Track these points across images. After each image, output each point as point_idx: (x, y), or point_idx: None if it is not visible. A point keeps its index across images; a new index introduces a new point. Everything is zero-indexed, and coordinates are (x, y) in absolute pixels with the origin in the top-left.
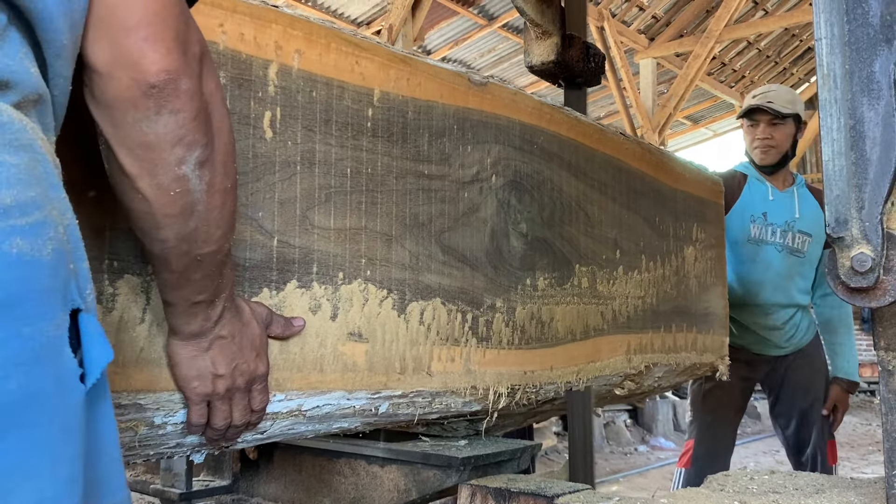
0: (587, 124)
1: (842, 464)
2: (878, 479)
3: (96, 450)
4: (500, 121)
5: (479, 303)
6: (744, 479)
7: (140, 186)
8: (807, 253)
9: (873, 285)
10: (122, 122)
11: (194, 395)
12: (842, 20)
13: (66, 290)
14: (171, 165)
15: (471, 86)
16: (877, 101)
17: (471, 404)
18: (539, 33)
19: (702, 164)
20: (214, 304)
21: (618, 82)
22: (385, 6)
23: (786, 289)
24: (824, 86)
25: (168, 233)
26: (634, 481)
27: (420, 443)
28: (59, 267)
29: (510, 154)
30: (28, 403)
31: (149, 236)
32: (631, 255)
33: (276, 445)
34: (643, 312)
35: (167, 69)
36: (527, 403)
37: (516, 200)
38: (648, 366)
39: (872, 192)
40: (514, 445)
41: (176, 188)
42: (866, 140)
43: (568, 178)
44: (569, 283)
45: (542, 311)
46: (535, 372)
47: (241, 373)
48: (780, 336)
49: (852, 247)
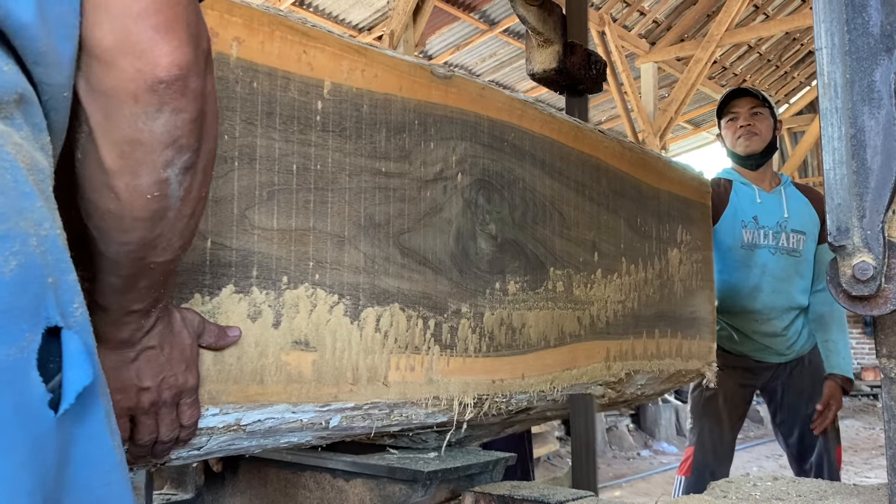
0: (562, 121)
1: (845, 468)
2: (882, 485)
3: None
4: (467, 116)
5: (443, 308)
6: (747, 486)
7: (116, 185)
8: (803, 251)
9: (875, 293)
10: (115, 115)
11: (118, 410)
12: (842, 30)
13: (38, 308)
14: (156, 167)
15: (434, 79)
16: (877, 111)
17: (435, 415)
18: (541, 41)
19: (687, 163)
20: (150, 313)
21: (619, 87)
22: (386, 12)
23: (784, 291)
24: (825, 95)
25: (131, 237)
26: (637, 486)
27: (387, 455)
28: (29, 283)
29: (478, 151)
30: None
31: (107, 237)
32: (610, 257)
33: (242, 458)
34: (623, 317)
35: (179, 63)
36: (497, 414)
37: (485, 200)
38: (629, 373)
39: (873, 201)
40: (485, 458)
41: (154, 191)
42: (867, 149)
43: (541, 177)
44: (542, 286)
45: (513, 317)
46: (504, 381)
47: (168, 386)
48: (781, 343)
49: (854, 255)
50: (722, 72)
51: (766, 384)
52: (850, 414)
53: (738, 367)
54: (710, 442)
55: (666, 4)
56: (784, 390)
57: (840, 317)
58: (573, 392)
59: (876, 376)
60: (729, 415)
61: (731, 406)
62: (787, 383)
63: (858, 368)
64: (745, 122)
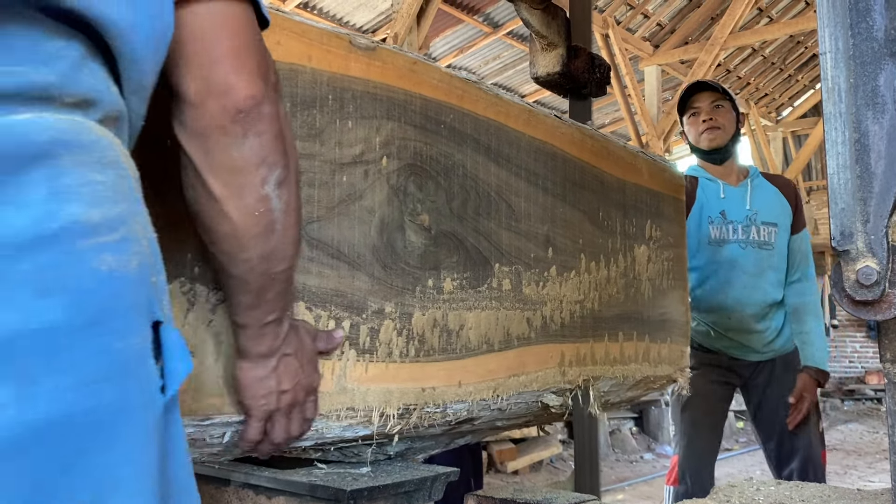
0: (511, 104)
1: (849, 473)
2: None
3: (171, 456)
4: (395, 94)
5: (361, 307)
6: (750, 490)
7: (227, 209)
8: (775, 244)
9: (879, 298)
10: (212, 149)
11: (260, 413)
12: (846, 34)
13: (149, 303)
14: (256, 186)
15: (353, 49)
16: (881, 115)
17: (353, 428)
18: (545, 45)
19: (658, 154)
20: (282, 322)
21: (622, 89)
22: (390, 14)
23: (757, 286)
24: (829, 99)
25: (251, 253)
26: (640, 489)
27: (315, 470)
28: (144, 281)
29: (408, 133)
30: (118, 418)
31: (232, 258)
32: (567, 253)
33: None
34: (582, 319)
35: (253, 95)
36: (431, 426)
37: (416, 188)
38: (588, 379)
39: (877, 206)
40: (423, 473)
41: (260, 208)
42: (871, 153)
43: (486, 164)
44: (485, 284)
45: (449, 318)
46: (437, 388)
47: (303, 387)
48: (757, 340)
49: (857, 260)
50: (726, 75)
51: (746, 383)
52: (853, 417)
53: (716, 364)
54: (694, 449)
55: (670, 7)
56: (764, 390)
57: (815, 307)
58: (522, 400)
59: (880, 380)
60: (709, 416)
61: (710, 407)
62: (768, 383)
63: (862, 372)
64: (707, 117)
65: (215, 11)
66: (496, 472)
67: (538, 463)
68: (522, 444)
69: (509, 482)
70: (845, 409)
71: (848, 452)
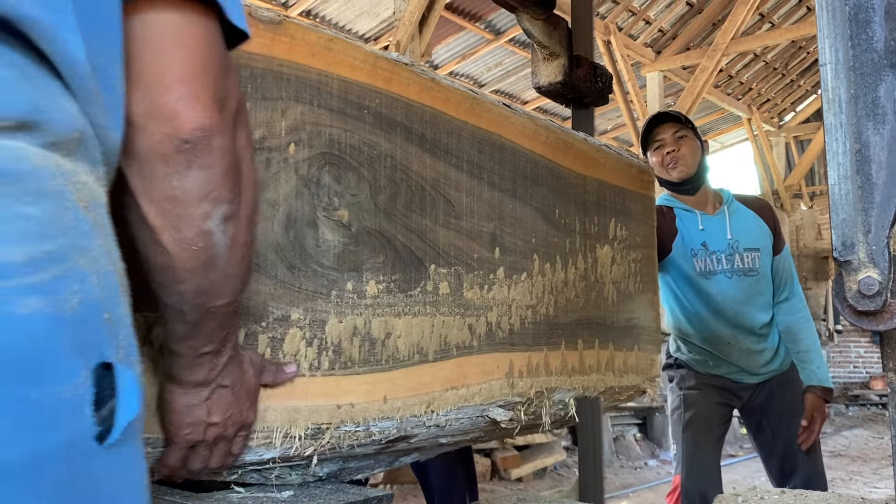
0: (450, 89)
1: (853, 479)
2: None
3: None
4: (307, 73)
5: (260, 314)
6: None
7: (162, 240)
8: (760, 268)
9: (881, 308)
10: (151, 175)
11: (183, 442)
12: (846, 45)
13: (96, 343)
14: (195, 220)
15: (254, 23)
16: (882, 126)
17: (254, 451)
18: (546, 54)
19: (622, 149)
20: (221, 353)
21: (625, 95)
22: (392, 22)
23: (746, 313)
24: (829, 110)
25: (186, 286)
26: (644, 496)
27: (231, 495)
28: (88, 320)
29: (322, 118)
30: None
31: (166, 289)
32: (517, 254)
33: None
34: (534, 325)
35: (202, 126)
36: (354, 445)
37: (332, 179)
38: (541, 391)
39: (879, 216)
40: (351, 497)
41: (199, 243)
42: (872, 164)
43: (419, 155)
44: (418, 287)
45: (373, 325)
46: (356, 405)
47: (233, 422)
48: (755, 363)
49: (859, 270)
50: (728, 80)
51: (745, 404)
52: (858, 423)
53: (716, 386)
54: (696, 468)
55: (672, 13)
56: (764, 411)
57: (808, 325)
58: (464, 416)
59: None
60: (710, 435)
61: (710, 427)
62: (767, 403)
63: (867, 377)
64: (671, 149)
65: (170, 25)
66: (500, 479)
67: (542, 470)
68: (526, 451)
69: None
70: (850, 415)
71: (853, 458)
